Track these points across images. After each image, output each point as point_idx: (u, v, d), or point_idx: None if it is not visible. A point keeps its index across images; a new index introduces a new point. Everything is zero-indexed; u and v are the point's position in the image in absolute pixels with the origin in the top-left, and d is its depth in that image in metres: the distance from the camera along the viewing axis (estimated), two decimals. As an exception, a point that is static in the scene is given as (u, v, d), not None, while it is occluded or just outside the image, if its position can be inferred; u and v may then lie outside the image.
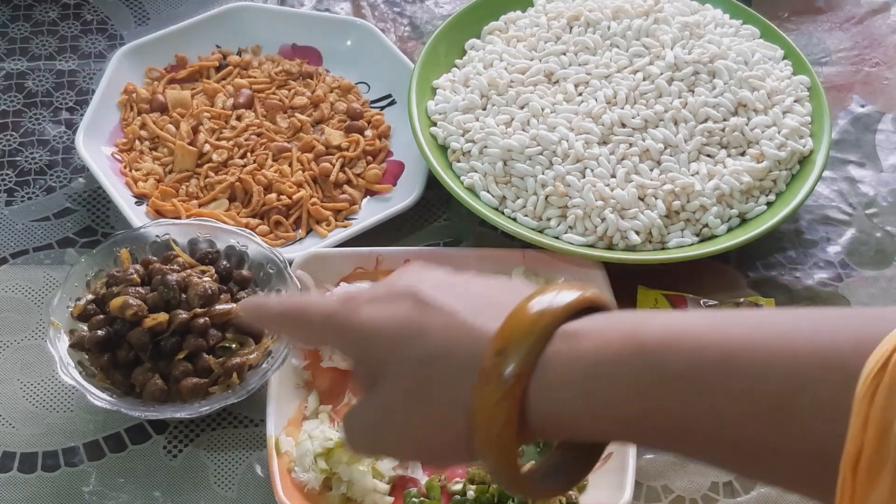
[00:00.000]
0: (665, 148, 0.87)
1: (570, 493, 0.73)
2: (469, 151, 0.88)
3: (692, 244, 0.85)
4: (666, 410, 0.46)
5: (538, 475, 0.52)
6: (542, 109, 0.89)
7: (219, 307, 0.75)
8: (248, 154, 0.93)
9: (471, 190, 0.87)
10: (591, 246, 0.84)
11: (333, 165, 0.93)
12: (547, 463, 0.53)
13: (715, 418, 0.45)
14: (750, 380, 0.44)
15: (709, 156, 0.88)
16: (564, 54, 0.93)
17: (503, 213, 0.86)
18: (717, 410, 0.45)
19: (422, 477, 0.76)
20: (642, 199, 0.85)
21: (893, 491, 0.38)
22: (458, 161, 0.89)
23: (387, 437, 0.55)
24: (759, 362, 0.44)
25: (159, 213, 0.89)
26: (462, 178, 0.87)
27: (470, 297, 0.52)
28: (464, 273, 0.56)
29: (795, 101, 0.92)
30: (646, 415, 0.47)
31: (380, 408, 0.54)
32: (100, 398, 0.73)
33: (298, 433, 0.76)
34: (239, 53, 1.02)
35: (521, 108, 0.90)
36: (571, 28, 0.95)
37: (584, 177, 0.85)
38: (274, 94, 0.98)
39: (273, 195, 0.90)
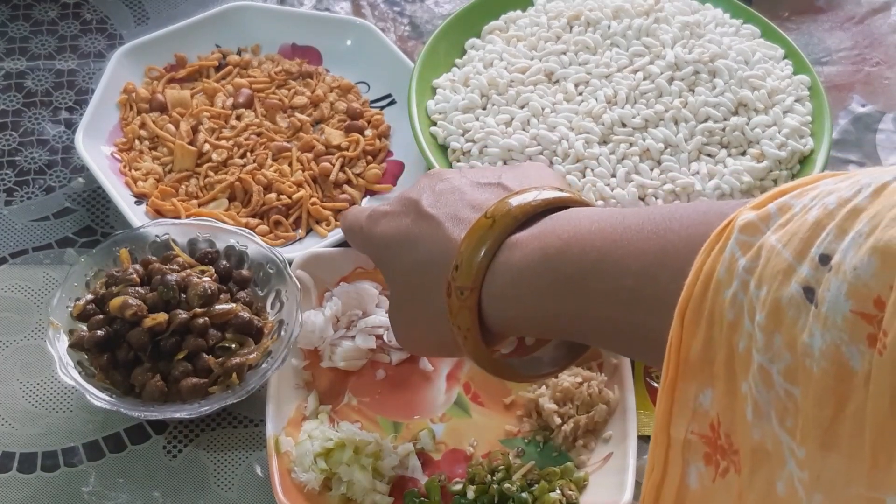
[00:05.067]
0: (665, 147, 0.87)
1: (571, 492, 0.73)
2: (469, 151, 0.88)
3: (692, 244, 0.85)
4: (566, 309, 0.53)
5: (518, 365, 0.62)
6: (543, 109, 0.89)
7: (218, 307, 0.75)
8: (248, 154, 0.93)
9: (471, 190, 0.87)
10: (592, 246, 0.84)
11: (333, 165, 0.92)
12: (527, 356, 0.63)
13: (598, 314, 0.52)
14: (614, 280, 0.51)
15: (709, 155, 0.88)
16: (564, 54, 0.93)
17: (503, 212, 0.86)
18: (597, 308, 0.51)
19: (422, 477, 0.76)
20: (642, 199, 0.85)
21: (706, 339, 0.43)
22: (459, 161, 0.89)
23: (399, 333, 0.65)
24: (620, 263, 0.50)
25: (159, 213, 0.88)
26: (462, 177, 0.87)
27: (458, 204, 0.60)
28: (472, 171, 0.64)
29: (796, 101, 0.92)
30: (555, 313, 0.54)
31: (394, 308, 0.64)
32: (99, 398, 0.73)
33: (298, 433, 0.76)
34: (239, 53, 1.02)
35: (522, 107, 0.89)
36: (571, 27, 0.95)
37: (584, 176, 0.85)
38: (274, 93, 0.98)
39: (273, 195, 0.90)
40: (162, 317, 0.74)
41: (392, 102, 0.99)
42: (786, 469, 0.40)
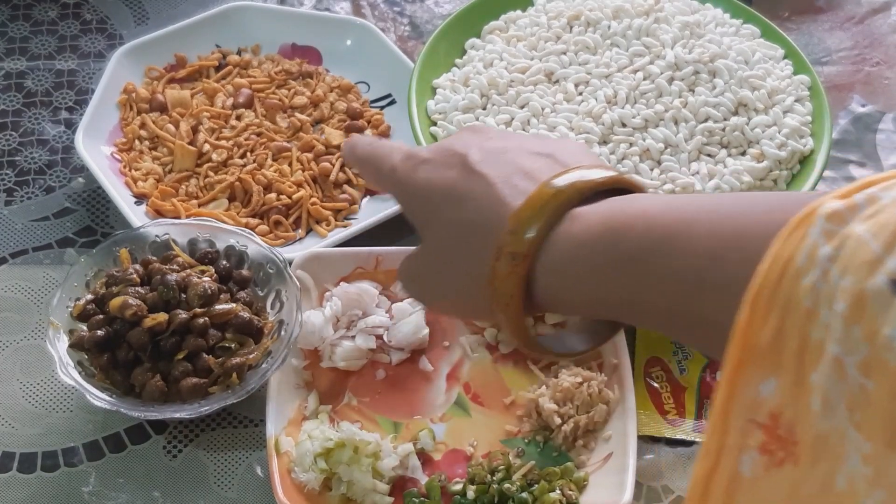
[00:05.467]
0: (665, 147, 0.87)
1: (571, 492, 0.73)
2: (469, 151, 0.88)
3: (692, 244, 0.85)
4: (624, 286, 0.51)
5: (550, 342, 0.60)
6: (543, 109, 0.89)
7: (218, 307, 0.75)
8: (248, 154, 0.93)
9: (471, 190, 0.87)
10: (592, 246, 0.83)
11: (333, 165, 0.93)
12: (560, 333, 0.60)
13: (656, 294, 0.50)
14: (679, 259, 0.48)
15: (709, 155, 0.88)
16: (564, 54, 0.93)
17: (503, 212, 0.86)
18: (657, 287, 0.49)
19: (422, 477, 0.76)
20: (643, 199, 0.85)
21: (777, 327, 0.42)
22: (458, 161, 0.88)
23: (425, 289, 0.62)
24: (688, 243, 0.48)
25: (159, 213, 0.89)
26: (462, 177, 0.87)
27: (511, 168, 0.57)
28: (516, 136, 0.61)
29: (796, 101, 0.92)
30: (611, 290, 0.52)
31: (423, 262, 0.61)
32: (99, 398, 0.73)
33: (298, 433, 0.76)
34: (239, 53, 1.02)
35: (522, 107, 0.89)
36: (571, 27, 0.95)
37: (584, 176, 0.85)
38: (274, 93, 0.98)
39: (273, 195, 0.90)
40: (162, 317, 0.74)
41: (392, 102, 0.99)
42: (848, 463, 0.40)
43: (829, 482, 0.41)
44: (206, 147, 0.93)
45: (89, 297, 0.77)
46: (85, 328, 0.75)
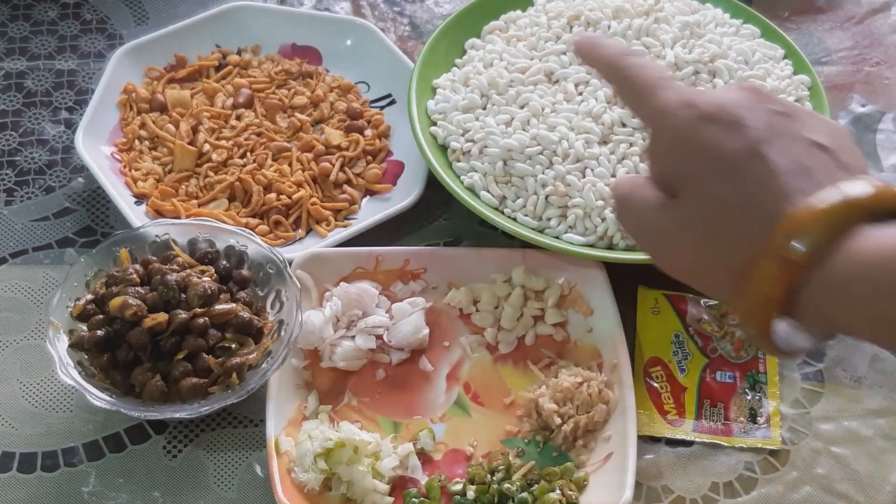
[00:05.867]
0: (665, 147, 0.87)
1: (571, 492, 0.73)
2: (469, 151, 0.88)
3: (692, 244, 0.85)
4: None
5: (778, 339, 0.55)
6: (543, 109, 0.89)
7: (218, 307, 0.75)
8: (248, 154, 0.93)
9: (471, 190, 0.87)
10: (592, 246, 0.84)
11: (333, 165, 0.93)
12: (785, 329, 0.56)
13: None
14: None
15: (709, 155, 0.88)
16: (565, 54, 0.93)
17: (503, 212, 0.86)
18: None
19: (422, 477, 0.76)
20: (643, 199, 0.85)
21: None
22: (458, 161, 0.89)
23: (664, 248, 0.59)
24: None
25: (159, 213, 0.89)
26: (462, 177, 0.87)
27: (793, 157, 0.54)
28: (795, 111, 0.58)
29: (796, 101, 0.92)
30: (892, 318, 0.49)
31: (671, 220, 0.57)
32: (99, 398, 0.73)
33: (298, 433, 0.76)
34: (239, 53, 1.02)
35: (522, 107, 0.89)
36: (571, 27, 0.95)
37: (584, 176, 0.85)
38: (274, 93, 0.98)
39: (273, 195, 0.90)
40: (162, 317, 0.74)
41: (392, 102, 0.99)
42: None
43: None
44: (206, 147, 0.93)
45: (89, 297, 0.77)
46: (85, 328, 0.75)
